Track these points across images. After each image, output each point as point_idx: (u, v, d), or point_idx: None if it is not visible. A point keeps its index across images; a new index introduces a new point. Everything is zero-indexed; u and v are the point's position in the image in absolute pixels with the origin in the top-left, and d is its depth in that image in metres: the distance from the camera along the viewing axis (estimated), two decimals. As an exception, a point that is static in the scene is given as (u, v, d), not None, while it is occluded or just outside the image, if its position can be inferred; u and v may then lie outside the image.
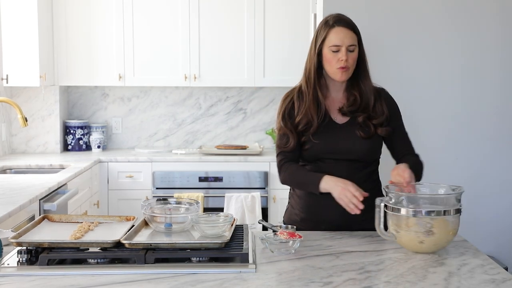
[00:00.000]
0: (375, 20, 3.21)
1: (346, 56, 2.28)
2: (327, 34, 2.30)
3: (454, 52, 3.26)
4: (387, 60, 3.23)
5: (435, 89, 3.26)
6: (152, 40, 4.81)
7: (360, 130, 2.34)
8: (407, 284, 1.73)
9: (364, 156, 2.36)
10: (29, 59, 4.40)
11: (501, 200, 3.35)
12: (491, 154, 3.32)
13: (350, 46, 2.29)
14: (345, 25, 2.30)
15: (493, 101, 3.26)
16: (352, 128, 2.35)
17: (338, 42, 2.28)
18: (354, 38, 2.31)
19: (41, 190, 3.20)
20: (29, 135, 4.91)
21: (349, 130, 2.35)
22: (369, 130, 2.34)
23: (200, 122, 5.20)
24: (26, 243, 1.88)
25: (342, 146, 2.34)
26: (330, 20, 2.32)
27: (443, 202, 2.02)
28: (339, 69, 2.30)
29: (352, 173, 2.33)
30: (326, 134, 2.35)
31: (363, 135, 2.33)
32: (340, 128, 2.37)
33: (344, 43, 2.28)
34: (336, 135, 2.35)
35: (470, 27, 3.25)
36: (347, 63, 2.29)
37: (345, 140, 2.34)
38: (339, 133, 2.36)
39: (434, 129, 3.29)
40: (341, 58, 2.28)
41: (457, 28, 3.25)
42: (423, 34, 3.24)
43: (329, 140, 2.35)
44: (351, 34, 2.30)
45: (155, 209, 2.12)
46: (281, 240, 2.02)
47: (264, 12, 4.76)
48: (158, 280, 1.75)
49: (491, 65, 3.26)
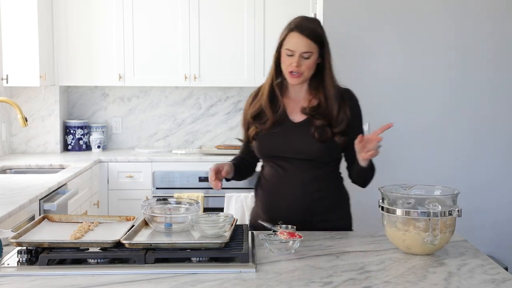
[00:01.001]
0: (375, 20, 3.21)
1: (298, 63, 2.29)
2: (286, 36, 2.32)
3: (455, 52, 3.26)
4: (387, 60, 3.24)
5: (436, 88, 3.26)
6: (152, 40, 4.81)
7: (317, 132, 2.33)
8: (407, 284, 1.73)
9: (317, 157, 2.35)
10: (29, 59, 4.40)
11: (501, 200, 3.35)
12: (491, 153, 3.32)
13: (304, 53, 2.29)
14: (303, 33, 2.28)
15: (493, 100, 3.26)
16: (308, 128, 2.35)
17: (292, 47, 2.29)
18: (311, 47, 2.29)
19: (41, 190, 3.20)
20: (29, 135, 4.91)
21: (303, 130, 2.35)
22: (326, 134, 2.33)
23: (200, 122, 5.20)
24: (26, 243, 1.88)
25: (293, 145, 2.35)
26: (293, 23, 2.33)
27: (440, 203, 2.01)
28: (290, 73, 2.32)
29: (307, 172, 2.34)
30: (280, 132, 2.36)
31: (318, 138, 2.32)
32: (295, 128, 2.37)
33: (298, 49, 2.28)
34: (290, 134, 2.36)
35: (469, 26, 3.25)
36: (299, 69, 2.30)
37: (297, 140, 2.35)
38: (293, 132, 2.36)
39: (434, 129, 3.29)
40: (292, 63, 2.29)
41: (456, 28, 3.25)
42: (423, 34, 3.24)
43: (281, 138, 2.36)
44: (307, 42, 2.28)
45: (155, 209, 2.12)
46: (281, 240, 2.02)
47: (264, 12, 4.76)
48: (158, 280, 1.75)
49: (488, 63, 3.27)
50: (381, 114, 3.23)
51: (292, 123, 2.38)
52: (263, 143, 2.40)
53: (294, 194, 2.34)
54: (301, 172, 2.35)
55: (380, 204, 2.07)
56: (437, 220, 1.95)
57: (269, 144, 2.38)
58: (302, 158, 2.34)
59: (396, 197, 2.04)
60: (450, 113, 3.27)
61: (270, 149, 2.39)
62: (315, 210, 2.35)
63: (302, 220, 2.30)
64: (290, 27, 2.31)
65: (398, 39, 3.23)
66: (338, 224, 2.39)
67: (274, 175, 2.39)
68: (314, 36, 2.30)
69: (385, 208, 2.04)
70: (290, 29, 2.31)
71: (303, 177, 2.34)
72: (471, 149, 3.30)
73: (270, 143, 2.38)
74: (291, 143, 2.35)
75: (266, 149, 2.40)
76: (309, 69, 2.32)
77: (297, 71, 2.30)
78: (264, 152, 2.42)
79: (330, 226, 2.34)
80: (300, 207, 2.34)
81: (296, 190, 2.34)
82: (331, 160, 2.40)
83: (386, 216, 2.05)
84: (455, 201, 2.03)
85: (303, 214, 2.34)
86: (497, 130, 3.31)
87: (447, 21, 3.24)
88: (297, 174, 2.34)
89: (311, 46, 2.29)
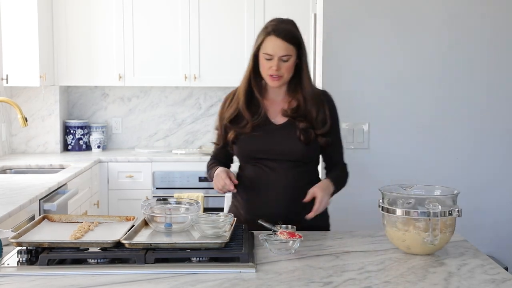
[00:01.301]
0: (375, 20, 3.21)
1: (277, 66, 2.29)
2: (263, 40, 2.31)
3: (456, 52, 3.26)
4: (387, 60, 3.23)
5: (436, 88, 3.26)
6: (152, 40, 4.81)
7: (302, 134, 2.34)
8: (407, 284, 1.73)
9: (301, 157, 2.37)
10: (29, 59, 4.40)
11: (501, 200, 3.35)
12: (492, 153, 3.32)
13: (283, 56, 2.29)
14: (281, 36, 2.28)
15: (493, 100, 3.26)
16: (290, 130, 2.36)
17: (270, 51, 2.29)
18: (289, 49, 2.29)
19: (41, 190, 3.20)
20: (29, 135, 4.91)
21: (286, 132, 2.36)
22: (310, 136, 2.34)
23: (200, 122, 5.20)
24: (26, 243, 1.88)
25: (277, 147, 2.35)
26: (269, 27, 2.32)
27: (440, 203, 2.01)
28: (270, 76, 2.32)
29: (290, 171, 2.35)
30: (262, 135, 2.37)
31: (303, 140, 2.33)
32: (277, 130, 2.38)
33: (276, 53, 2.29)
34: (273, 136, 2.37)
35: (469, 26, 3.25)
36: (278, 72, 2.30)
37: (281, 142, 2.35)
38: (276, 134, 2.37)
39: (434, 129, 3.29)
40: (272, 67, 2.30)
41: (457, 28, 3.25)
42: (423, 34, 3.24)
43: (264, 141, 2.37)
44: (285, 45, 2.28)
45: (155, 209, 2.12)
46: (281, 240, 2.02)
47: (264, 12, 4.76)
48: (158, 280, 1.75)
49: (489, 63, 3.27)
50: (381, 114, 3.23)
51: (274, 125, 2.39)
52: (244, 146, 2.40)
53: (278, 192, 2.35)
54: (285, 171, 2.36)
55: (380, 204, 2.07)
56: (437, 220, 1.95)
57: (251, 147, 2.39)
58: (286, 159, 2.36)
59: (396, 197, 2.04)
60: (450, 113, 3.26)
61: (253, 151, 2.39)
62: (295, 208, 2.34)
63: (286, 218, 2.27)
64: (267, 31, 2.31)
65: (398, 39, 3.23)
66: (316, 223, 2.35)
67: (257, 174, 2.38)
68: (291, 38, 2.30)
69: (385, 208, 2.04)
70: (267, 33, 2.30)
71: (287, 175, 2.35)
72: (471, 149, 3.30)
73: (253, 146, 2.39)
74: (275, 146, 2.36)
75: (248, 152, 2.41)
76: (289, 71, 2.33)
77: (277, 74, 2.31)
78: (245, 154, 2.42)
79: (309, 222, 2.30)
80: (284, 205, 2.34)
81: (279, 188, 2.35)
82: (312, 160, 2.43)
83: (386, 216, 2.05)
84: (455, 201, 2.03)
85: (287, 211, 2.33)
86: (497, 130, 3.31)
87: (447, 21, 3.24)
88: (281, 173, 2.35)
89: (289, 48, 2.29)
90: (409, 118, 3.26)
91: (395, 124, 3.26)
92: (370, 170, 3.21)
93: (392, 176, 3.11)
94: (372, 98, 3.23)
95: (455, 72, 3.27)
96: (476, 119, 3.30)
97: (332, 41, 3.21)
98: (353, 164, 3.15)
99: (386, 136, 3.26)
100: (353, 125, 3.23)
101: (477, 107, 3.30)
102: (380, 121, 3.25)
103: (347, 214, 3.12)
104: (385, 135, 3.26)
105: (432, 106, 3.27)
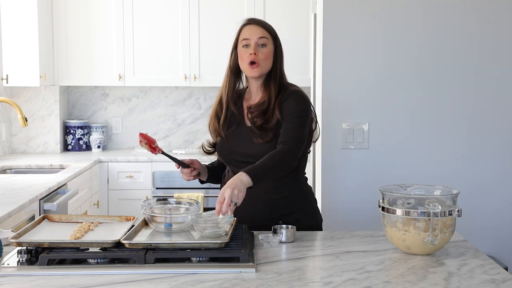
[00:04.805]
0: (375, 20, 3.21)
1: (255, 50, 2.34)
2: (240, 31, 2.42)
3: (456, 52, 3.26)
4: (387, 60, 3.23)
5: (436, 88, 3.26)
6: (152, 40, 4.81)
7: (258, 136, 2.32)
8: (407, 284, 1.73)
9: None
10: (29, 59, 4.40)
11: (501, 200, 3.35)
12: (492, 153, 3.32)
13: (260, 38, 2.36)
14: (256, 23, 2.41)
15: (493, 100, 3.26)
16: (253, 130, 2.35)
17: (247, 35, 2.38)
18: (265, 33, 2.38)
19: (41, 190, 3.20)
20: (29, 135, 4.91)
21: (251, 133, 2.35)
22: (266, 135, 2.31)
23: (200, 122, 5.20)
24: (26, 243, 1.88)
25: (242, 150, 2.35)
26: (245, 20, 2.45)
27: (440, 203, 2.01)
28: (249, 64, 2.35)
29: None
30: (234, 138, 2.39)
31: (261, 141, 2.31)
32: (246, 131, 2.37)
33: (253, 36, 2.36)
34: (241, 138, 2.37)
35: (470, 26, 3.25)
36: (257, 58, 2.34)
37: (245, 144, 2.35)
38: (243, 136, 2.36)
39: (434, 129, 3.29)
40: (250, 52, 2.34)
41: (457, 28, 3.25)
42: (423, 35, 3.24)
43: (232, 143, 2.38)
44: (261, 30, 2.38)
45: (155, 209, 2.12)
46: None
47: (264, 12, 4.76)
48: (158, 280, 1.75)
49: (489, 63, 3.27)
50: (381, 114, 3.23)
51: (245, 127, 2.39)
52: (218, 150, 2.45)
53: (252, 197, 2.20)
54: None
55: (380, 204, 2.07)
56: (437, 220, 1.95)
57: (223, 150, 2.42)
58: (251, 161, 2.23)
59: (396, 197, 2.04)
60: (451, 113, 3.26)
61: (223, 155, 2.42)
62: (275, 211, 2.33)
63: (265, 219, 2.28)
64: (243, 23, 2.43)
65: (398, 40, 3.23)
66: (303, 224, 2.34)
67: (230, 176, 2.30)
68: (267, 26, 2.41)
69: (385, 208, 2.04)
70: (243, 24, 2.43)
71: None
72: (472, 149, 3.30)
73: (224, 149, 2.41)
74: (239, 148, 2.36)
75: (220, 155, 2.46)
76: (266, 59, 2.36)
77: (255, 59, 2.33)
78: (220, 157, 2.47)
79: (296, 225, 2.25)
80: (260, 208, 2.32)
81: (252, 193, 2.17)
82: None
83: (386, 216, 2.05)
84: (455, 201, 2.03)
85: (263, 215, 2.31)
86: (498, 130, 3.31)
87: (447, 21, 3.24)
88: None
89: (265, 33, 2.38)
90: (409, 118, 3.26)
91: (395, 124, 3.26)
92: (370, 170, 3.21)
93: (392, 176, 3.11)
94: (372, 98, 3.23)
95: (455, 73, 3.27)
96: (477, 120, 3.30)
97: (332, 41, 3.21)
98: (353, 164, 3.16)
99: (386, 136, 3.25)
100: (353, 125, 3.23)
101: (479, 107, 3.29)
102: (380, 121, 3.25)
103: (347, 214, 3.12)
104: (385, 135, 3.25)
105: (433, 106, 3.27)
